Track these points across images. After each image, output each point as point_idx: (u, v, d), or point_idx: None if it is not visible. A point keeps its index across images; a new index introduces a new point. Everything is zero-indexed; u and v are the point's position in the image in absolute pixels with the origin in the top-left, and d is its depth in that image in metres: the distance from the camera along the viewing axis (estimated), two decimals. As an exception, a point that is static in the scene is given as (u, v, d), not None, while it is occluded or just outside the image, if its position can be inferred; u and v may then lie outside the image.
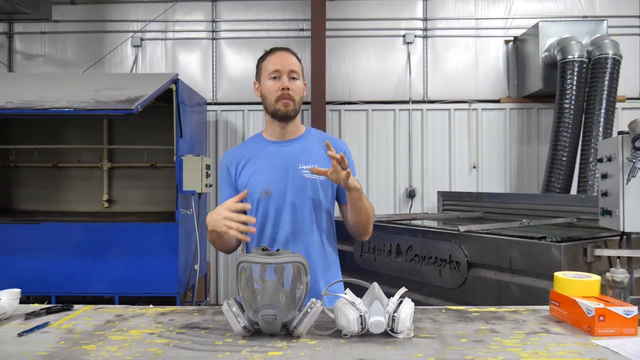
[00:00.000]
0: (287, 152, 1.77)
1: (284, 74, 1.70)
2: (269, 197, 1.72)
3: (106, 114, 4.03)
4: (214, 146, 5.73)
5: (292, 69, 1.72)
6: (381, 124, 5.71)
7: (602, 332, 1.29)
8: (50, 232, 4.29)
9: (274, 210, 1.72)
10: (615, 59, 4.72)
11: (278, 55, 1.74)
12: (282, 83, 1.69)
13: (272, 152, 1.78)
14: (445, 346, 1.24)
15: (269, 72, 1.72)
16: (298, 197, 1.72)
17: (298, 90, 1.73)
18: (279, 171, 1.73)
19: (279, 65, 1.71)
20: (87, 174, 5.61)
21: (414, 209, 5.59)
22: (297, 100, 1.74)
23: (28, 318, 1.49)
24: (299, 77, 1.75)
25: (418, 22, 5.78)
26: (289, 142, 1.80)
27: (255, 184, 1.73)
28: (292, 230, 1.72)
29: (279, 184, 1.72)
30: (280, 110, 1.72)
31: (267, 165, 1.75)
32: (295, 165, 1.73)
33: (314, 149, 1.78)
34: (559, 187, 4.73)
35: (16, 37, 5.94)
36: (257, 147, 1.81)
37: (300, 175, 1.72)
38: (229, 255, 5.69)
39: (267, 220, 1.73)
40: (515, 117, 5.68)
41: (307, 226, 1.73)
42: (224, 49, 5.84)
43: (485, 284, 3.05)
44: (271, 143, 1.80)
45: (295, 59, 1.76)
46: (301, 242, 1.72)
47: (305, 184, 1.73)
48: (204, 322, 1.47)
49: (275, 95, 1.71)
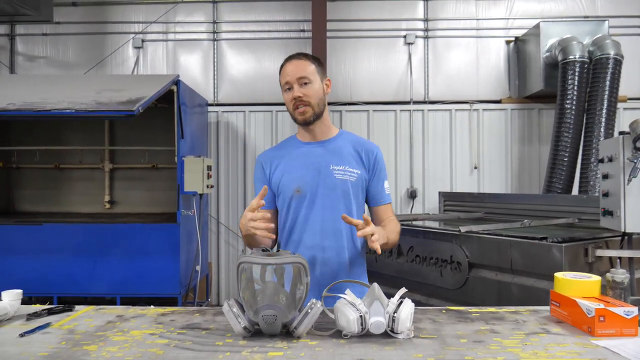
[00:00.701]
0: (319, 152, 1.82)
1: (294, 84, 1.75)
2: (300, 195, 1.77)
3: (107, 115, 4.05)
4: (215, 147, 5.73)
5: (301, 75, 1.75)
6: (382, 124, 5.71)
7: (602, 332, 1.29)
8: (52, 233, 4.31)
9: (305, 209, 1.77)
10: (616, 59, 4.71)
11: (287, 66, 1.79)
12: (293, 93, 1.75)
13: (304, 152, 1.83)
14: (445, 346, 1.24)
15: (283, 84, 1.80)
16: (329, 197, 1.76)
17: (313, 94, 1.76)
18: (311, 171, 1.78)
19: (287, 76, 1.77)
20: (88, 175, 5.62)
21: (415, 210, 5.59)
22: (315, 103, 1.77)
23: (29, 319, 1.49)
24: (312, 80, 1.77)
25: (419, 23, 5.78)
26: (320, 143, 1.84)
27: (287, 183, 1.79)
28: (323, 229, 1.76)
29: (310, 183, 1.77)
30: (297, 119, 1.79)
31: (298, 164, 1.80)
32: (327, 166, 1.78)
33: (345, 150, 1.83)
34: (560, 187, 4.72)
35: (18, 39, 5.96)
36: (290, 147, 1.87)
37: (332, 175, 1.77)
38: (231, 256, 5.71)
39: (299, 218, 1.78)
40: (517, 117, 5.67)
41: (338, 226, 1.76)
42: (225, 50, 5.84)
43: (486, 284, 3.05)
44: (303, 144, 1.86)
45: (306, 62, 1.79)
46: (331, 241, 1.76)
47: (336, 184, 1.76)
48: (204, 322, 1.47)
49: (291, 105, 1.78)
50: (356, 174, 1.79)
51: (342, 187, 1.76)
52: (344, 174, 1.78)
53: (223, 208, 5.70)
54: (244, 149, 5.75)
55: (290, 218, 1.79)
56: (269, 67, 5.76)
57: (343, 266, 1.77)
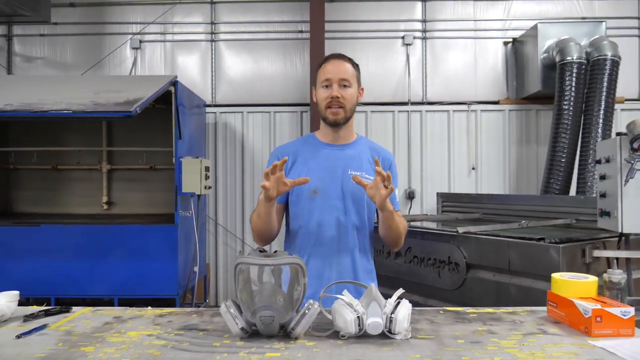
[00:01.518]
0: (339, 156, 1.82)
1: (334, 83, 1.76)
2: (315, 196, 1.77)
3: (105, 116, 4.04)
4: (213, 148, 5.73)
5: (343, 77, 1.76)
6: (380, 125, 5.72)
7: (599, 333, 1.30)
8: (50, 235, 4.30)
9: (320, 211, 1.77)
10: (614, 60, 4.73)
11: (331, 64, 1.79)
12: (332, 92, 1.75)
13: (325, 154, 1.83)
14: (442, 347, 1.24)
15: (322, 80, 1.79)
16: (343, 200, 1.77)
17: (349, 97, 1.78)
18: (329, 173, 1.79)
19: (330, 74, 1.77)
20: (86, 176, 5.61)
21: (413, 211, 5.59)
22: (348, 108, 1.79)
23: (26, 320, 1.49)
24: (352, 84, 1.78)
25: (417, 24, 5.79)
26: (341, 147, 1.85)
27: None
28: (337, 232, 1.76)
29: (328, 185, 1.77)
30: (328, 118, 1.79)
31: (318, 166, 1.80)
32: (345, 170, 1.79)
33: (363, 156, 1.84)
34: (558, 188, 4.73)
35: (15, 40, 5.95)
36: (310, 146, 1.87)
37: (348, 179, 1.76)
38: (229, 256, 5.70)
39: (312, 219, 1.77)
40: (514, 118, 5.68)
41: (351, 229, 1.78)
42: (223, 50, 5.84)
43: (484, 285, 3.05)
44: (325, 145, 1.86)
45: (349, 66, 1.80)
46: (344, 244, 1.77)
47: (352, 189, 1.76)
48: (202, 323, 1.47)
49: (325, 102, 1.78)
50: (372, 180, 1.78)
51: (358, 192, 1.76)
52: (361, 180, 1.76)
53: (221, 209, 5.70)
54: (242, 150, 5.74)
55: (304, 218, 1.78)
56: (267, 68, 5.76)
57: (353, 269, 1.78)
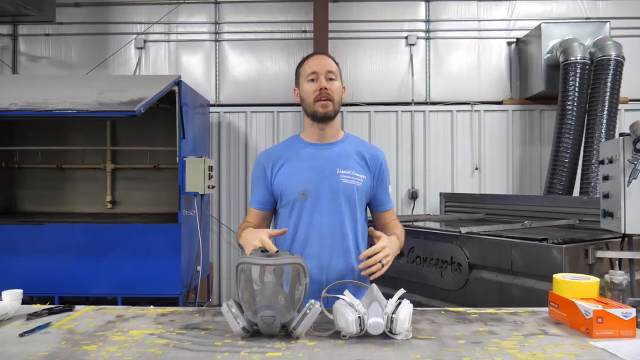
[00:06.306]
0: (326, 155, 1.78)
1: (321, 75, 1.73)
2: (305, 198, 1.73)
3: (109, 115, 4.06)
4: (216, 148, 5.74)
5: (330, 69, 1.75)
6: (383, 125, 5.71)
7: (600, 334, 1.30)
8: (54, 233, 4.32)
9: (310, 212, 1.73)
10: (618, 60, 4.71)
11: (315, 59, 1.78)
12: (320, 84, 1.72)
13: (311, 154, 1.78)
14: (443, 347, 1.24)
15: (307, 74, 1.75)
16: (334, 200, 1.73)
17: (336, 90, 1.76)
18: (317, 173, 1.74)
19: (315, 67, 1.74)
20: (90, 175, 5.64)
21: (416, 211, 5.58)
22: (336, 101, 1.76)
23: (30, 318, 1.50)
24: (337, 78, 1.77)
25: (420, 24, 5.78)
26: (327, 146, 1.80)
27: (292, 185, 1.74)
28: (328, 233, 1.73)
29: (316, 186, 1.73)
30: (318, 111, 1.74)
31: (304, 166, 1.76)
32: (334, 169, 1.75)
33: (351, 154, 1.80)
34: (561, 188, 4.71)
35: (20, 39, 5.97)
36: (295, 148, 1.82)
37: (339, 179, 1.73)
38: (232, 256, 5.71)
39: (302, 221, 1.74)
40: (518, 118, 5.67)
41: (343, 230, 1.74)
42: (227, 50, 5.85)
43: (487, 285, 3.05)
44: (310, 145, 1.81)
45: (332, 61, 1.79)
46: (336, 245, 1.73)
47: (342, 188, 1.74)
48: (203, 323, 1.48)
49: (313, 96, 1.73)
50: (362, 179, 1.77)
51: (348, 191, 1.74)
52: (351, 179, 1.74)
53: (224, 209, 5.71)
54: (245, 150, 5.75)
55: (294, 221, 1.74)
56: (271, 68, 5.77)
57: (350, 270, 1.75)
